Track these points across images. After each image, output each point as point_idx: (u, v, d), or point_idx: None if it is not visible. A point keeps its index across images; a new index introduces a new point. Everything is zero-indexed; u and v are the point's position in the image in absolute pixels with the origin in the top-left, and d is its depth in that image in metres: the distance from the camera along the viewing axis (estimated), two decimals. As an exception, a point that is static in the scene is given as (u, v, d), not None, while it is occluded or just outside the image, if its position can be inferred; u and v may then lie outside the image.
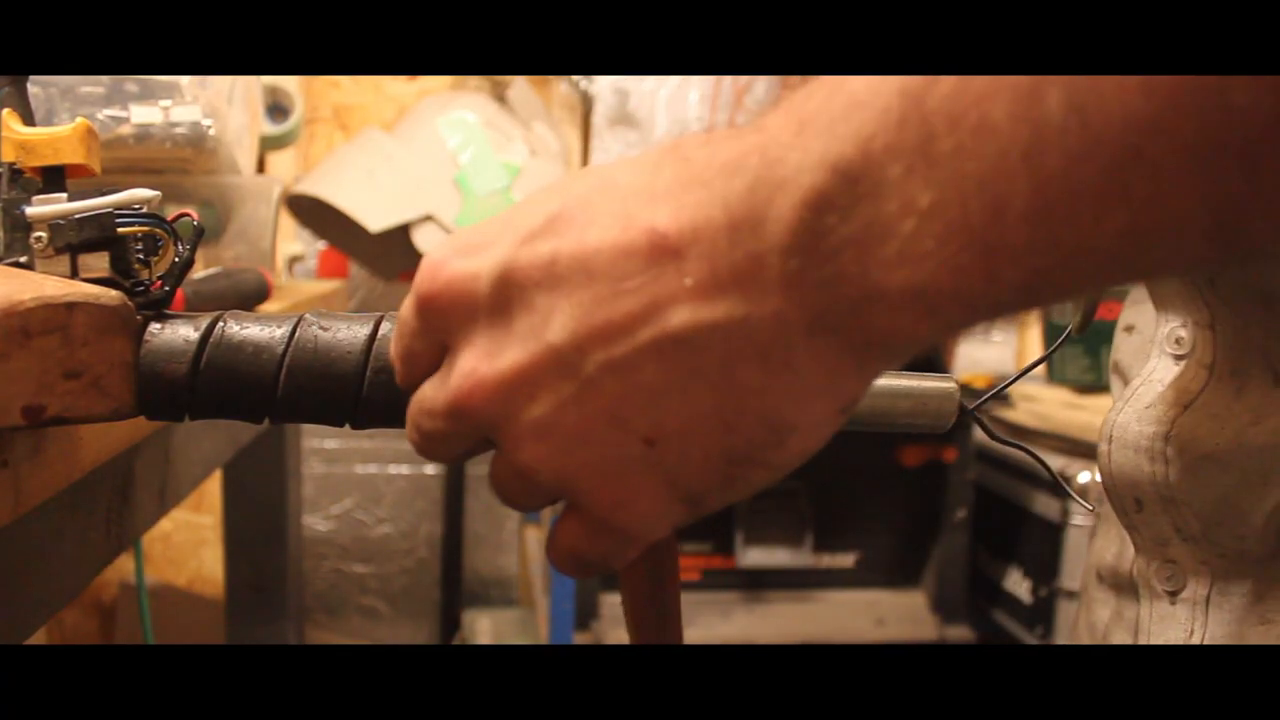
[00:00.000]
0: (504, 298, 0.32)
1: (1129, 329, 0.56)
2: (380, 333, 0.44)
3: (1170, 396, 0.48)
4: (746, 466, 0.32)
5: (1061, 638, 1.71)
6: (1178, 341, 0.49)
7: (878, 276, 0.28)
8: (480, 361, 0.32)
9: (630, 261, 0.30)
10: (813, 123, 0.28)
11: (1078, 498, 0.51)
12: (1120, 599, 0.54)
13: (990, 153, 0.26)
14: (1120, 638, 0.54)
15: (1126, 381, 0.54)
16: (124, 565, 1.99)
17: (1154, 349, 0.50)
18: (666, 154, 0.31)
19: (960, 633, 1.84)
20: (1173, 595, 0.48)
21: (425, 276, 0.34)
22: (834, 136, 0.28)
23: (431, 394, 0.35)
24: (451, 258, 0.33)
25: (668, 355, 0.30)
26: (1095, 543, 0.59)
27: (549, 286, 0.31)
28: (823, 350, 0.30)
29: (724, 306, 0.29)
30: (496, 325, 0.32)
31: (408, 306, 0.36)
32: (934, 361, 1.61)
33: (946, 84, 0.27)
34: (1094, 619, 0.56)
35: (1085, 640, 0.58)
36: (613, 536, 0.34)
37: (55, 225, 0.44)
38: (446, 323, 0.34)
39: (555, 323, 0.31)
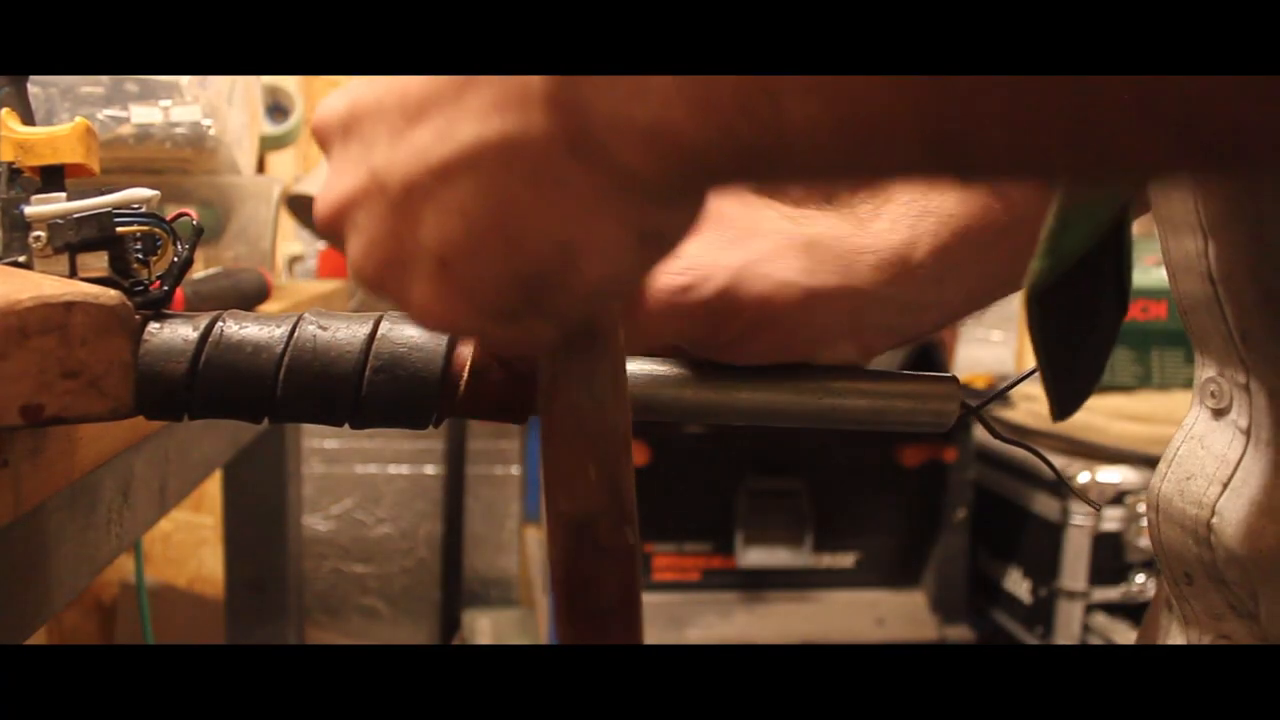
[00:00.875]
0: (347, 128, 0.36)
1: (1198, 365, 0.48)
2: (380, 332, 0.44)
3: (1210, 469, 0.44)
4: (544, 287, 0.33)
5: (1061, 638, 1.71)
6: (1213, 395, 0.46)
7: (616, 106, 0.29)
8: (331, 178, 0.36)
9: (438, 89, 0.33)
10: None
11: (1082, 496, 0.49)
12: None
13: None
14: None
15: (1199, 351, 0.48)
16: (124, 565, 1.99)
17: (1194, 395, 0.47)
18: None
19: (960, 633, 1.84)
20: None
21: (314, 118, 0.39)
22: None
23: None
24: (329, 100, 0.38)
25: (453, 174, 0.32)
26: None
27: (376, 117, 0.34)
28: (587, 173, 0.31)
29: (500, 123, 0.31)
30: (344, 151, 0.36)
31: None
32: (934, 361, 1.61)
33: None
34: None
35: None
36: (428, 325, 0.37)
37: (54, 224, 0.44)
38: (323, 147, 0.38)
39: (376, 149, 0.34)
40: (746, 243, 0.49)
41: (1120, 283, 0.46)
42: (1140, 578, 1.72)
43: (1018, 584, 1.84)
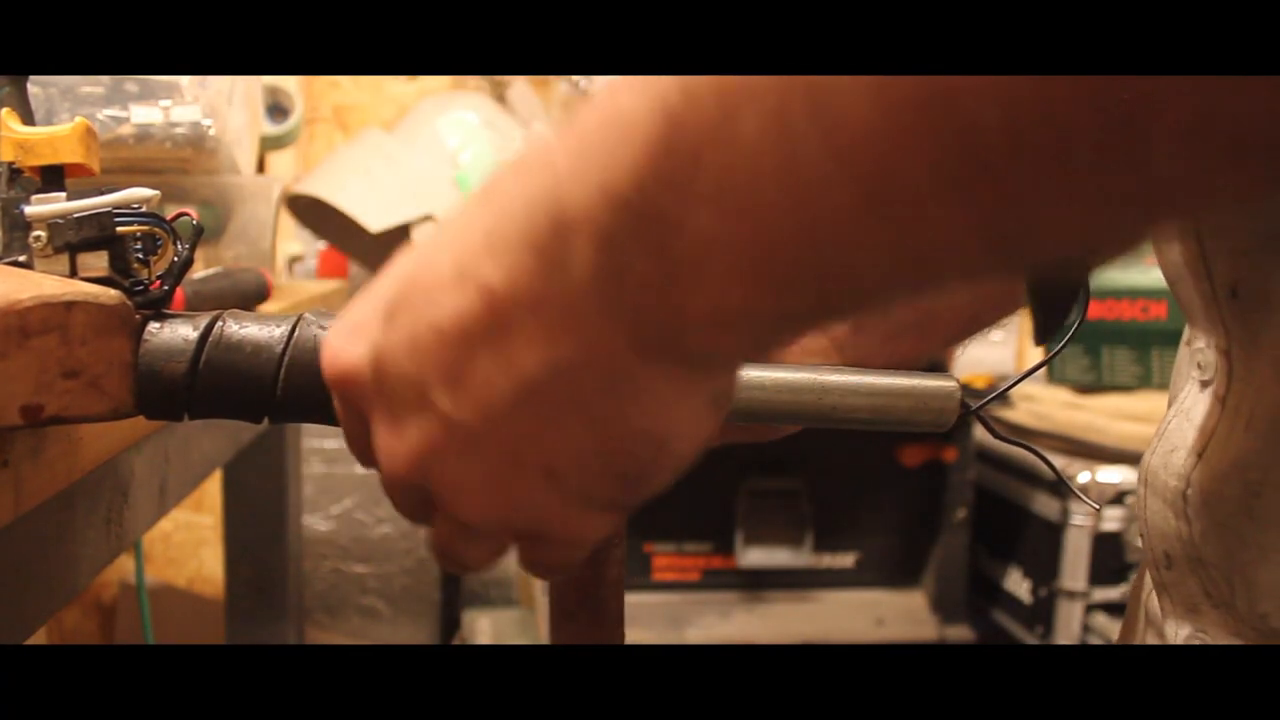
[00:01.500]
0: (385, 381, 0.34)
1: (1189, 341, 0.48)
2: (379, 332, 0.44)
3: (1190, 439, 0.44)
4: (644, 475, 0.34)
5: (1061, 638, 1.71)
6: (1200, 365, 0.45)
7: (678, 303, 0.29)
8: (390, 439, 0.35)
9: (475, 324, 0.32)
10: (590, 151, 0.29)
11: (1083, 496, 0.49)
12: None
13: (750, 170, 0.26)
14: None
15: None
16: (124, 565, 1.99)
17: (1188, 369, 0.46)
18: (486, 194, 0.33)
19: (960, 633, 1.84)
20: None
21: (326, 367, 0.37)
22: (609, 168, 0.28)
23: (389, 469, 0.37)
24: (341, 348, 0.36)
25: (532, 399, 0.32)
26: (1141, 577, 0.53)
27: (418, 362, 0.33)
28: (660, 369, 0.31)
29: (558, 347, 0.31)
30: (392, 404, 0.34)
31: (335, 400, 0.38)
32: (934, 361, 1.61)
33: (706, 97, 0.26)
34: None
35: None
36: (557, 549, 0.37)
37: (54, 224, 0.44)
38: (356, 406, 0.36)
39: (436, 393, 0.33)
40: None
41: None
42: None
43: (1018, 584, 1.84)
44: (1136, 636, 0.51)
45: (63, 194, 0.45)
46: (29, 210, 0.44)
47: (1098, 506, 1.70)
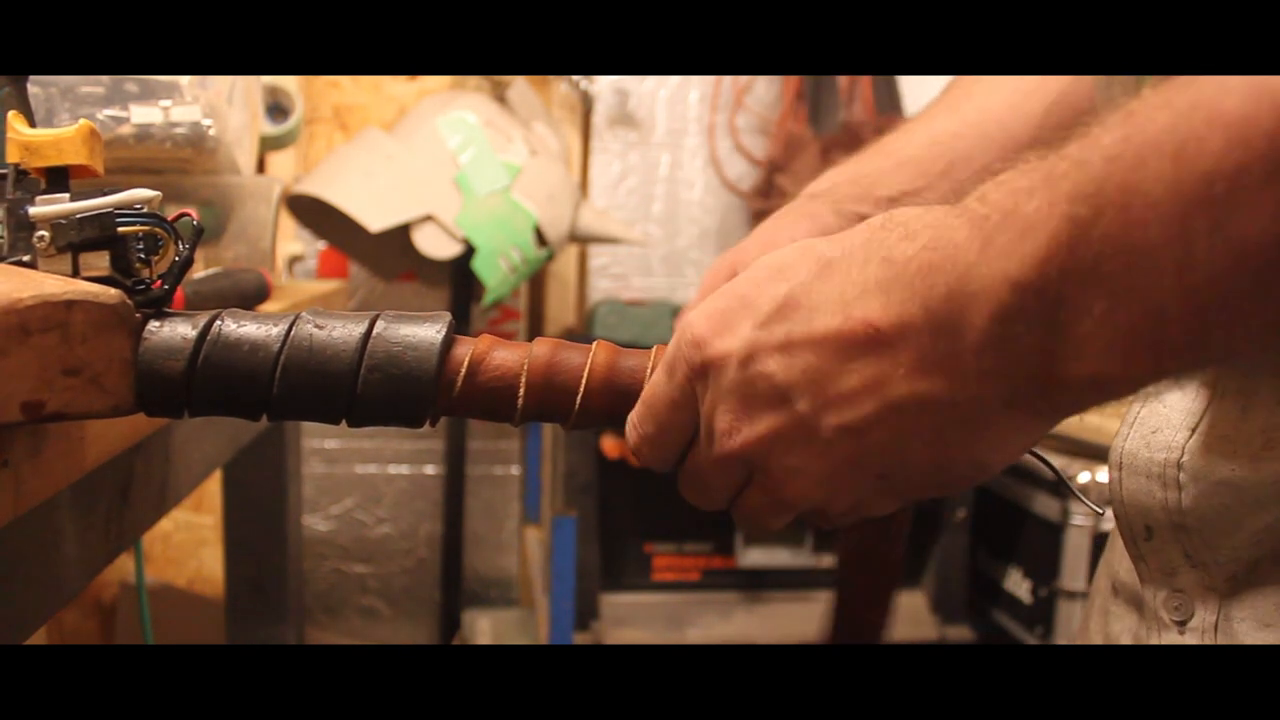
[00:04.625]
0: (751, 373, 0.40)
1: None
2: (375, 332, 0.44)
3: (1176, 420, 0.48)
4: (956, 485, 0.40)
5: (1062, 638, 1.71)
6: None
7: (1058, 369, 0.34)
8: (738, 423, 0.41)
9: (852, 347, 0.38)
10: (994, 242, 0.34)
11: (1082, 497, 0.50)
12: (1138, 619, 0.53)
13: (1148, 269, 0.31)
14: None
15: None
16: (124, 565, 1.98)
17: None
18: (872, 247, 0.39)
19: (960, 633, 1.84)
20: (1181, 625, 0.48)
21: (689, 348, 0.42)
22: (1014, 257, 0.34)
23: (700, 459, 0.44)
24: (713, 334, 0.41)
25: (889, 420, 0.38)
26: (1110, 553, 0.58)
27: (787, 364, 0.39)
28: (1015, 417, 0.37)
29: (931, 385, 0.37)
30: (748, 394, 0.40)
31: (667, 384, 0.43)
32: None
33: (1111, 211, 0.32)
34: (1110, 630, 0.56)
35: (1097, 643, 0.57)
36: (847, 519, 0.43)
37: (57, 224, 0.44)
38: (704, 387, 0.42)
39: (797, 394, 0.39)
40: None
41: None
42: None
43: (1018, 584, 1.84)
44: (1095, 617, 0.58)
45: (67, 195, 0.45)
46: (34, 211, 0.45)
47: (1101, 511, 1.70)
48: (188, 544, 2.11)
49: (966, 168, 0.63)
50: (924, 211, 0.38)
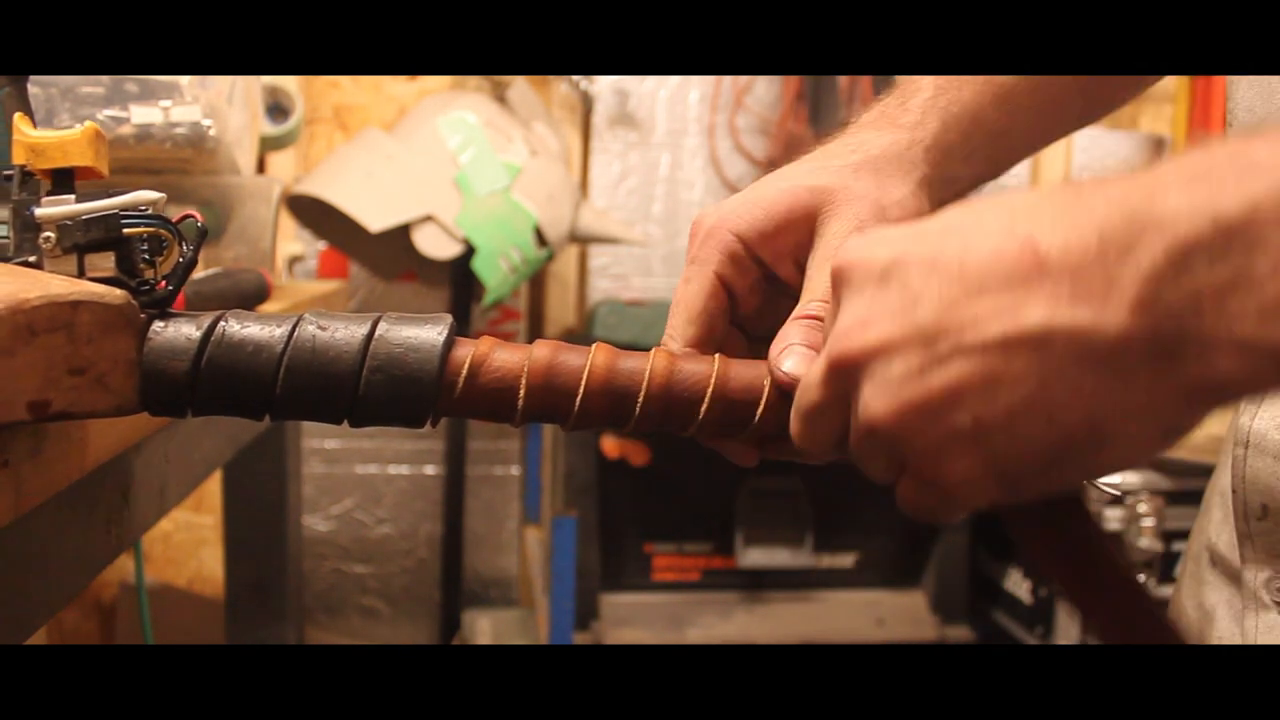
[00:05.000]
0: (888, 276, 0.37)
1: None
2: (377, 333, 0.44)
3: None
4: (1062, 463, 0.35)
5: (1062, 638, 1.71)
6: None
7: (1230, 324, 0.30)
8: (856, 326, 0.38)
9: (1000, 265, 0.34)
10: (1206, 178, 0.31)
11: (1098, 484, 0.49)
12: (1236, 593, 0.54)
13: None
14: (1227, 626, 0.54)
15: None
16: (124, 565, 1.99)
17: None
18: (1059, 187, 0.36)
19: (960, 633, 1.84)
20: None
21: (840, 257, 0.39)
22: (1222, 193, 0.31)
23: (814, 371, 0.41)
24: (860, 245, 0.39)
25: (1013, 349, 0.34)
26: (1204, 519, 0.58)
27: (925, 275, 0.36)
28: (1156, 375, 0.33)
29: (1076, 313, 0.33)
30: (876, 299, 0.37)
31: (829, 287, 0.41)
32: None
33: None
34: (1205, 600, 0.57)
35: (1191, 615, 0.58)
36: (937, 496, 0.38)
37: (63, 226, 0.45)
38: (843, 291, 0.39)
39: (924, 305, 0.36)
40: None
41: None
42: (1140, 578, 1.72)
43: (1018, 584, 1.84)
44: (1187, 583, 0.57)
45: (72, 196, 0.45)
46: (39, 212, 0.45)
47: (1116, 493, 1.70)
48: (188, 544, 2.11)
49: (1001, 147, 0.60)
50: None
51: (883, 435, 0.37)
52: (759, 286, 0.52)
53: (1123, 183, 0.33)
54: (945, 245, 0.36)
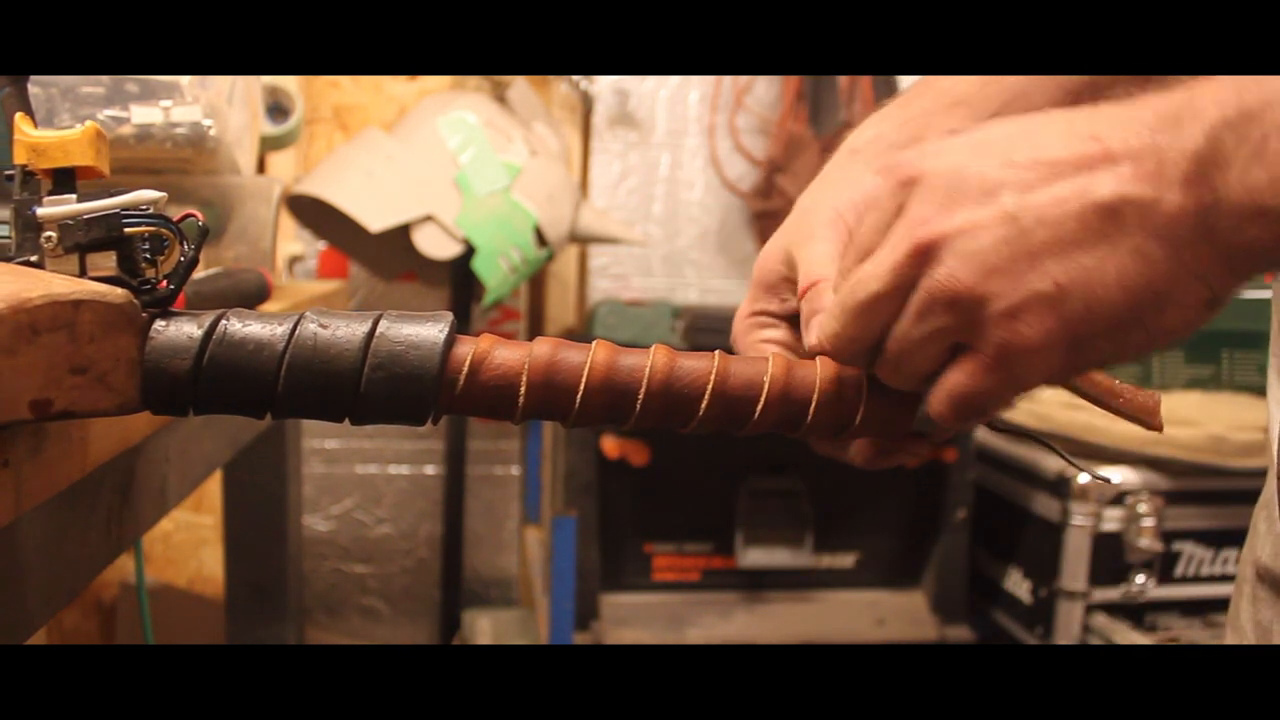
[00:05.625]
0: (962, 173, 0.41)
1: None
2: (378, 331, 0.44)
3: None
4: (1129, 326, 0.40)
5: (1062, 638, 1.71)
6: None
7: (1252, 194, 0.36)
8: (937, 212, 0.41)
9: (1070, 153, 0.39)
10: (1234, 83, 0.37)
11: (1090, 470, 0.49)
12: None
13: None
14: None
15: None
16: (124, 565, 1.99)
17: None
18: (1100, 103, 0.41)
19: (960, 633, 1.84)
20: None
21: (895, 169, 0.43)
22: (1247, 90, 0.36)
23: (881, 257, 0.42)
24: (922, 156, 0.42)
25: (1088, 218, 0.39)
26: (1252, 537, 0.59)
27: (1002, 168, 0.40)
28: (1202, 243, 0.38)
29: (1140, 188, 0.38)
30: (953, 191, 0.41)
31: (879, 205, 0.43)
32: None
33: None
34: (1261, 617, 0.57)
35: (1249, 634, 0.58)
36: (1004, 369, 0.41)
37: (64, 225, 0.45)
38: (914, 191, 0.42)
39: (1007, 190, 0.40)
40: None
41: None
42: (1140, 578, 1.72)
43: (1018, 584, 1.84)
44: (1244, 604, 0.58)
45: (73, 196, 0.46)
46: (41, 212, 0.45)
47: (1109, 479, 1.69)
48: (188, 544, 2.11)
49: (1023, 106, 0.61)
50: None
51: (965, 301, 0.40)
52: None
53: (1169, 93, 0.39)
54: (1015, 146, 0.40)
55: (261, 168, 1.78)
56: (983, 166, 0.40)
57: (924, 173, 0.42)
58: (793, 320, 0.55)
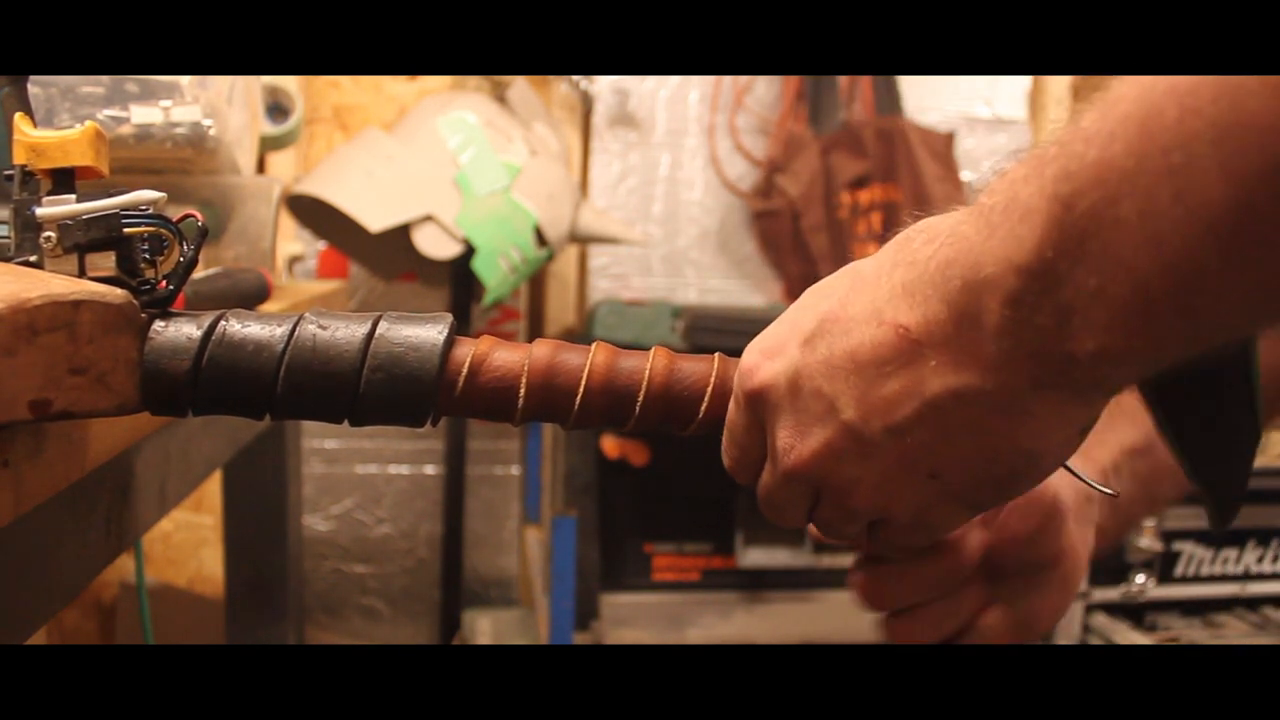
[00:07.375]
0: (798, 391, 0.42)
1: None
2: (378, 332, 0.44)
3: None
4: (1012, 482, 0.41)
5: (1061, 638, 1.71)
6: None
7: (1070, 346, 0.35)
8: (794, 440, 0.43)
9: (887, 352, 0.39)
10: (997, 231, 0.36)
11: (1091, 482, 0.50)
12: None
13: (1127, 244, 0.32)
14: None
15: None
16: (124, 565, 1.98)
17: None
18: (899, 254, 0.40)
19: (960, 633, 1.83)
20: None
21: (743, 379, 0.44)
22: (1014, 241, 0.35)
23: (767, 477, 0.45)
24: (759, 364, 0.44)
25: (930, 417, 0.39)
26: None
27: (830, 378, 0.41)
28: (1048, 399, 0.38)
29: (963, 378, 0.38)
30: (799, 412, 0.42)
31: (735, 412, 0.46)
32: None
33: (1090, 189, 0.33)
34: None
35: None
36: (920, 534, 0.45)
37: (64, 225, 0.45)
38: (764, 415, 0.44)
39: (842, 405, 0.40)
40: None
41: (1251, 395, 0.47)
42: (1140, 578, 1.72)
43: (1017, 584, 1.84)
44: None
45: (73, 196, 0.45)
46: (40, 212, 0.45)
47: (1113, 493, 1.69)
48: (188, 544, 2.11)
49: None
50: (947, 215, 0.40)
51: (864, 514, 0.43)
52: None
53: (945, 246, 0.38)
54: (832, 345, 0.41)
55: (261, 168, 1.78)
56: (815, 380, 0.41)
57: (765, 388, 0.43)
58: None
